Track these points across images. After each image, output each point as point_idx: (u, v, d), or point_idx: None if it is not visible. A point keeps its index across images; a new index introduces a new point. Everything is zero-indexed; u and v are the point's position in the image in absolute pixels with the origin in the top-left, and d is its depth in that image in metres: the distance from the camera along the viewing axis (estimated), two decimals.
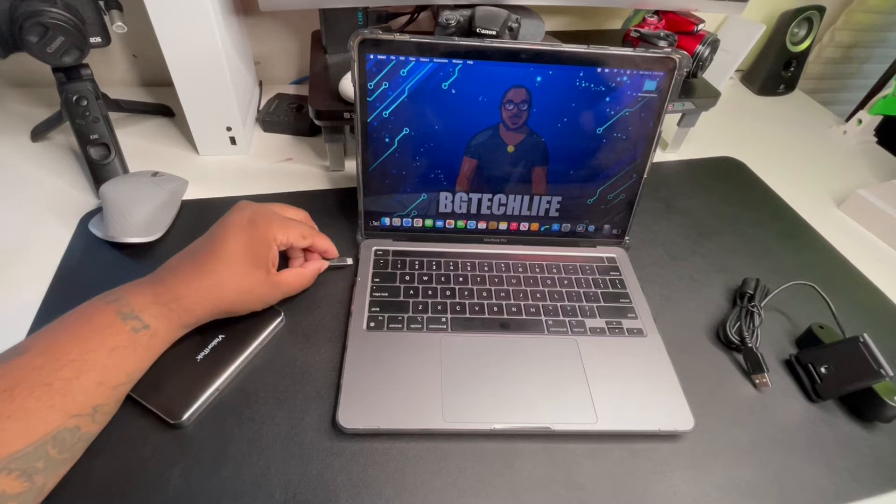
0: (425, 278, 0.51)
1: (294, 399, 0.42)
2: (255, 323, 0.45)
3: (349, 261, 0.52)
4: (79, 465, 0.36)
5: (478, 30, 0.57)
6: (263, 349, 0.45)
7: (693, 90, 0.69)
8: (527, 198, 0.53)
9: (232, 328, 0.44)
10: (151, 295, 0.39)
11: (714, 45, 0.67)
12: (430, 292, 0.49)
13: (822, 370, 0.45)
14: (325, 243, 0.50)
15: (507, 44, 0.45)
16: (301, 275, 0.48)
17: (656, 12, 0.72)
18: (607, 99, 0.47)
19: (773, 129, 0.86)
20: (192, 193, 0.60)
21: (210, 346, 0.43)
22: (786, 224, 0.65)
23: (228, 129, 0.65)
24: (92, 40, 0.52)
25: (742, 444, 0.42)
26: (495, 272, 0.52)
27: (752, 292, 0.52)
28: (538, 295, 0.50)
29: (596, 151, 0.50)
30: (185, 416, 0.39)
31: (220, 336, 0.44)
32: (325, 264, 0.51)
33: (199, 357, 0.42)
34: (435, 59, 0.45)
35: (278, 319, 0.46)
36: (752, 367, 0.46)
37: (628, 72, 0.46)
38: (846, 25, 0.97)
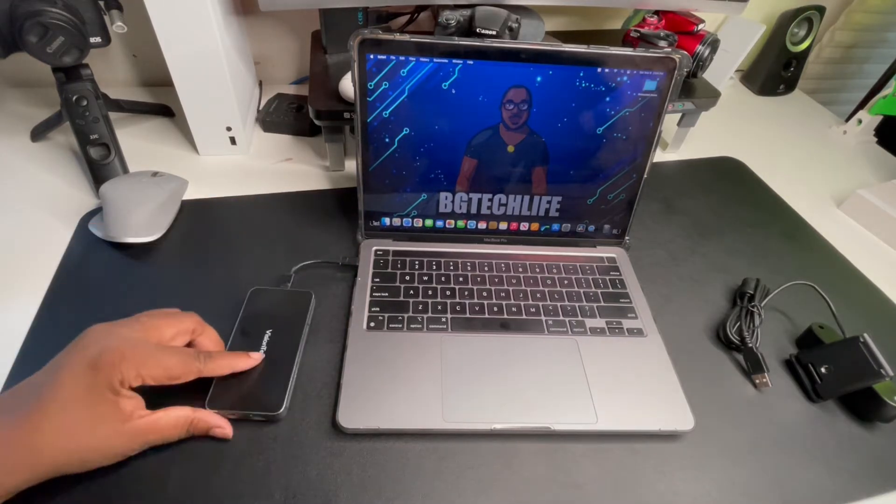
0: (425, 278, 0.51)
1: (294, 399, 0.42)
2: (291, 308, 0.47)
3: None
4: (72, 478, 0.36)
5: (478, 30, 0.57)
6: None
7: (693, 90, 0.69)
8: (527, 198, 0.53)
9: (271, 320, 0.45)
10: None
11: (714, 45, 0.67)
12: (430, 292, 0.49)
13: (822, 370, 0.45)
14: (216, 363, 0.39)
15: (507, 44, 0.45)
16: (156, 422, 0.36)
17: (656, 12, 0.72)
18: (607, 99, 0.47)
19: (773, 129, 0.86)
20: (192, 193, 0.60)
21: (264, 341, 0.44)
22: (786, 224, 0.65)
23: (228, 129, 0.65)
24: (92, 40, 0.52)
25: (742, 444, 0.42)
26: (495, 272, 0.52)
27: (752, 292, 0.52)
28: (538, 295, 0.50)
29: (596, 151, 0.50)
30: (285, 405, 0.40)
31: (267, 331, 0.44)
32: (209, 420, 0.38)
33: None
34: (435, 59, 0.45)
35: (312, 299, 0.48)
36: (752, 367, 0.46)
37: (628, 72, 0.46)
38: (846, 25, 0.97)
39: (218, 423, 0.38)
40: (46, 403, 0.32)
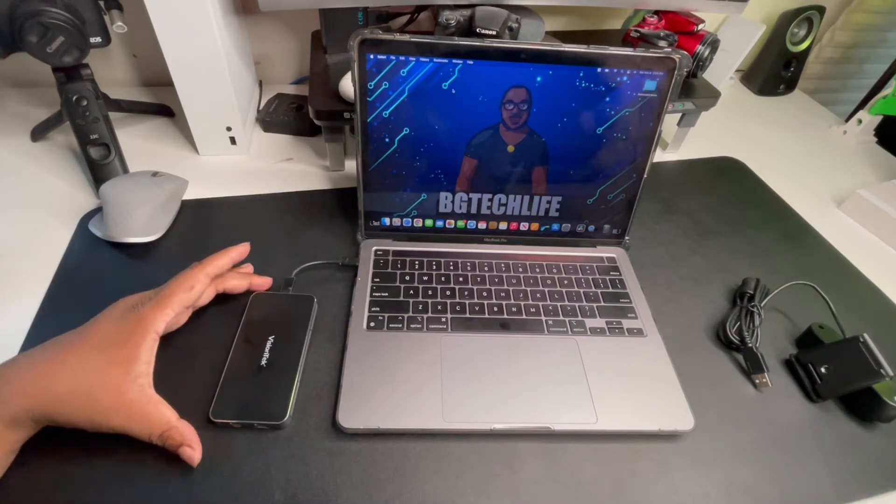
0: (425, 278, 0.51)
1: (296, 402, 0.42)
2: (293, 313, 0.46)
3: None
4: (77, 467, 0.36)
5: (478, 30, 0.57)
6: None
7: (693, 90, 0.69)
8: (527, 198, 0.53)
9: (272, 326, 0.45)
10: None
11: (714, 45, 0.67)
12: (430, 292, 0.49)
13: (822, 370, 0.45)
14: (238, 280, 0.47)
15: (507, 44, 0.45)
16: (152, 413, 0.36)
17: (656, 12, 0.72)
18: (607, 99, 0.47)
19: (773, 129, 0.86)
20: (192, 193, 0.60)
21: (266, 349, 0.43)
22: (786, 224, 0.65)
23: (228, 129, 0.65)
24: (92, 40, 0.52)
25: (742, 444, 0.42)
26: (495, 272, 0.52)
27: (752, 292, 0.52)
28: (538, 295, 0.50)
29: (596, 151, 0.50)
30: (288, 414, 0.40)
31: (270, 338, 0.44)
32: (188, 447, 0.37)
33: (263, 363, 0.43)
34: (435, 59, 0.45)
35: (314, 303, 0.47)
36: (752, 367, 0.46)
37: (628, 72, 0.46)
38: (846, 25, 0.97)
39: (191, 441, 0.36)
40: (78, 339, 0.35)
